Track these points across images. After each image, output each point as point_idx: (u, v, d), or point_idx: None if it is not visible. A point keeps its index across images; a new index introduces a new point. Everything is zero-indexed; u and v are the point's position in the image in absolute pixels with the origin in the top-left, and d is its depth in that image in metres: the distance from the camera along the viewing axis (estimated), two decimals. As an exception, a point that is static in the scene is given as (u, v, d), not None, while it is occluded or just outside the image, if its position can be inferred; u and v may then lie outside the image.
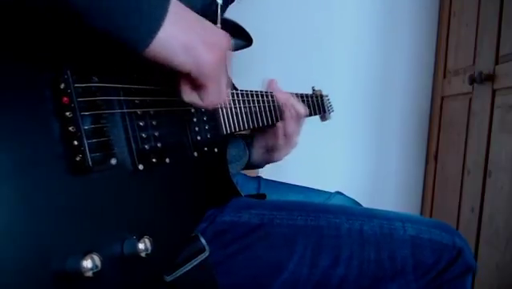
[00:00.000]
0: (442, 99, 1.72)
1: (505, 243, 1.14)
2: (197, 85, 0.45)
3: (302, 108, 0.79)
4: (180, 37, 0.39)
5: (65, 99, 0.38)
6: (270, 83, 0.80)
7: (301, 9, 1.72)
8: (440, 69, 1.73)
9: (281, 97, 0.77)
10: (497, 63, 1.26)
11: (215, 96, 0.46)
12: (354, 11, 1.75)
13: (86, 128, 0.39)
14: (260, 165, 0.86)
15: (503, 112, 1.21)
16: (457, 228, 1.46)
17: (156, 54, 0.38)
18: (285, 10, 1.71)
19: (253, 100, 0.71)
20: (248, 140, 0.83)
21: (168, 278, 0.47)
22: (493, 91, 1.26)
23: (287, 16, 1.72)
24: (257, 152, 0.82)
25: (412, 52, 1.76)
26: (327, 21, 1.74)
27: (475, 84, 1.38)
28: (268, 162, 0.84)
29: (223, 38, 0.45)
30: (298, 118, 0.79)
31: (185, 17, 0.41)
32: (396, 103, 1.79)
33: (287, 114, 0.77)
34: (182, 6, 0.41)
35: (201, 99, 0.46)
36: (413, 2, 1.75)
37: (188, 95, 0.46)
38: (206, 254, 0.51)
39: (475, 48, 1.41)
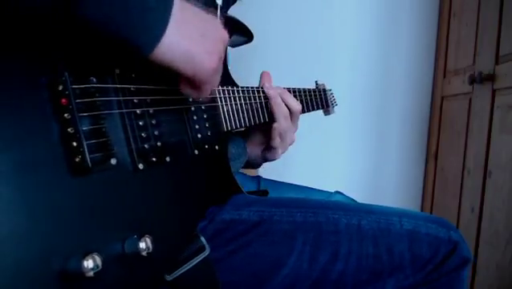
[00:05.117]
0: (442, 99, 1.72)
1: (505, 243, 1.14)
2: (193, 84, 0.47)
3: (295, 104, 0.74)
4: (182, 45, 0.41)
5: (63, 100, 0.38)
6: (263, 76, 0.75)
7: (302, 8, 1.73)
8: (440, 69, 1.73)
9: (269, 93, 0.71)
10: (497, 63, 1.26)
11: (207, 93, 0.50)
12: (354, 11, 1.75)
13: (84, 128, 0.39)
14: (256, 164, 0.81)
15: (503, 112, 1.21)
16: (457, 228, 1.46)
17: (159, 58, 0.40)
18: (286, 9, 1.72)
19: (254, 97, 0.71)
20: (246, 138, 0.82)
21: (169, 278, 0.47)
22: (493, 91, 1.26)
23: (288, 14, 1.72)
24: (253, 151, 0.78)
25: (412, 52, 1.77)
26: (328, 20, 1.74)
27: (475, 84, 1.38)
28: (265, 161, 0.79)
29: (222, 37, 0.47)
30: (292, 115, 0.74)
31: (188, 22, 0.42)
32: (396, 103, 1.79)
33: (276, 111, 0.71)
34: (186, 6, 0.42)
35: (195, 93, 0.49)
36: (413, 2, 1.75)
37: (184, 89, 0.49)
38: (206, 252, 0.51)
39: (475, 48, 1.41)
